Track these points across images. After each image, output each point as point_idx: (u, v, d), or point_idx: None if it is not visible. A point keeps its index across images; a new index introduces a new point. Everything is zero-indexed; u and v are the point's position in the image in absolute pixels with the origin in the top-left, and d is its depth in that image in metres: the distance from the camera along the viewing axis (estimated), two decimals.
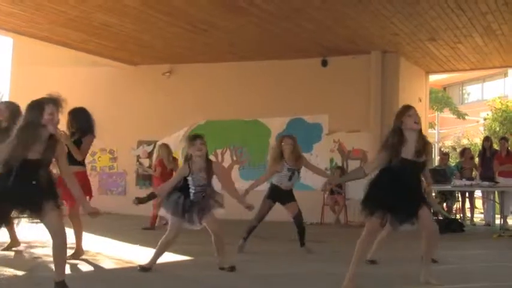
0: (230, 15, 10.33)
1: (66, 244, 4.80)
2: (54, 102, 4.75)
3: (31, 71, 15.44)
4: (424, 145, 5.21)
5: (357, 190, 12.56)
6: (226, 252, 6.41)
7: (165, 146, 11.48)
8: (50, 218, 4.61)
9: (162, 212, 6.43)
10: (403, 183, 5.13)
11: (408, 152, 5.15)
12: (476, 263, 7.02)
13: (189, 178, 6.17)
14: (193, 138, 6.27)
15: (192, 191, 6.17)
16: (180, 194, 6.18)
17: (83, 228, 7.13)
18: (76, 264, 6.56)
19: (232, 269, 6.23)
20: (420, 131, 5.24)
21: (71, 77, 14.87)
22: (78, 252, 6.93)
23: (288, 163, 7.72)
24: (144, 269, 6.19)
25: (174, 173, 11.02)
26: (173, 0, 9.67)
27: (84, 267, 6.52)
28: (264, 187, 8.02)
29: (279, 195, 7.83)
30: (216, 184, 6.38)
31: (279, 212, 7.98)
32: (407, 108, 5.33)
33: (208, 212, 6.16)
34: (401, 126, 5.21)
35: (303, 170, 8.00)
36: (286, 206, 7.87)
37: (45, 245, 6.51)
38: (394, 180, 5.13)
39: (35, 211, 4.58)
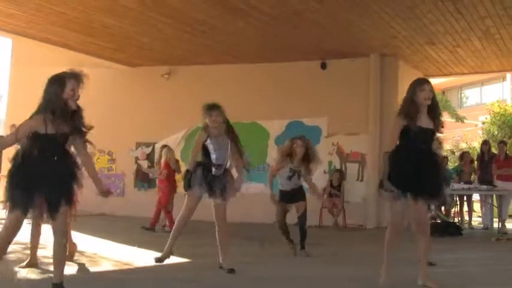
0: (229, 17, 10.34)
1: (67, 245, 4.78)
2: (76, 77, 4.73)
3: (30, 72, 15.41)
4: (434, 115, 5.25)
5: (354, 193, 12.65)
6: (230, 252, 6.42)
7: (171, 148, 11.57)
8: (61, 217, 4.53)
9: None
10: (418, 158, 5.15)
11: (422, 121, 5.19)
12: (474, 267, 7.02)
13: (210, 148, 6.29)
14: (210, 108, 6.46)
15: (213, 162, 6.29)
16: (203, 167, 6.32)
17: (81, 229, 7.12)
18: (73, 266, 6.55)
19: (231, 271, 6.24)
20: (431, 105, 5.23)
21: None
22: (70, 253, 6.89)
23: (293, 163, 7.74)
24: (160, 259, 6.31)
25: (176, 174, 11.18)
26: (172, 2, 9.67)
27: (82, 268, 6.51)
28: (260, 190, 8.02)
29: (285, 197, 7.86)
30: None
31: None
32: (421, 82, 5.34)
33: (225, 193, 6.30)
34: (414, 98, 5.23)
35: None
36: (295, 205, 7.87)
37: (43, 247, 6.49)
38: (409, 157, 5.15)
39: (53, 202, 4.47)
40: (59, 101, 4.51)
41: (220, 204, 6.34)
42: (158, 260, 6.48)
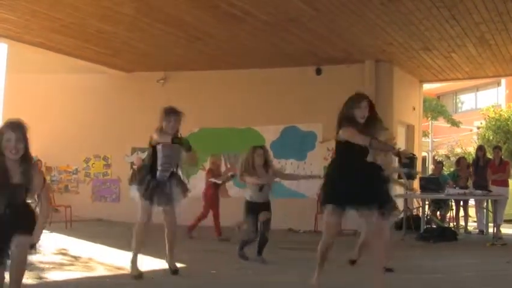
0: (224, 24, 10.35)
1: None
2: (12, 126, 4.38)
3: (25, 77, 15.40)
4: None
5: None
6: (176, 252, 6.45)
7: (216, 154, 11.14)
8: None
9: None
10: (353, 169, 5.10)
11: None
12: (470, 272, 7.03)
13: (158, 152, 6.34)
14: (168, 113, 6.66)
15: (159, 168, 6.28)
16: (149, 174, 6.33)
17: (77, 234, 7.11)
18: (68, 270, 6.54)
19: (175, 272, 6.31)
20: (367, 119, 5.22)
21: (65, 84, 14.85)
22: None
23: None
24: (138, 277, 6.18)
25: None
26: (168, 9, 9.68)
27: (76, 273, 6.50)
28: (240, 194, 7.88)
29: (255, 209, 7.62)
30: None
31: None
32: (358, 98, 5.44)
33: (172, 199, 6.28)
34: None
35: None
36: (262, 213, 7.64)
37: (37, 251, 6.47)
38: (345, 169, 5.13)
39: None
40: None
41: (168, 210, 6.31)
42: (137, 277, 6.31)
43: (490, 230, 11.60)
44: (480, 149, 13.19)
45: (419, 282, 6.13)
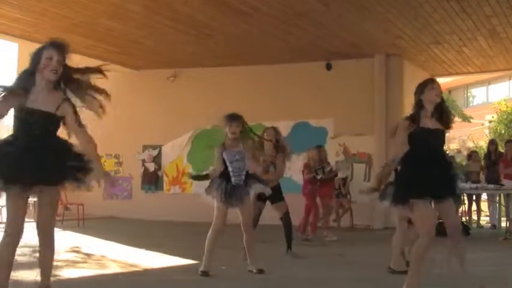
0: (234, 20, 10.36)
1: None
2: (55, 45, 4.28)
3: None
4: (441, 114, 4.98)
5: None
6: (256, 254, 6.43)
7: (315, 150, 10.45)
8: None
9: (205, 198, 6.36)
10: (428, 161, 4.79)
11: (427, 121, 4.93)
12: (483, 267, 6.98)
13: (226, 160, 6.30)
14: (230, 119, 6.57)
15: (231, 174, 6.26)
16: (223, 178, 6.25)
17: (89, 232, 7.14)
18: (81, 268, 6.57)
19: (260, 271, 6.27)
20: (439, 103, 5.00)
21: None
22: None
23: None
24: (204, 273, 6.17)
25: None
26: (177, 6, 9.69)
27: (89, 271, 6.53)
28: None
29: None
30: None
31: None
32: (429, 81, 5.21)
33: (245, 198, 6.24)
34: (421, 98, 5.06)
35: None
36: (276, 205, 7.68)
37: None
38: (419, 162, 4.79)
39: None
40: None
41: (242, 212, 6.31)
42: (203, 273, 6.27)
43: (503, 224, 11.54)
44: (492, 143, 13.12)
45: (436, 277, 6.11)
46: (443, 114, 5.02)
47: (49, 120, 4.07)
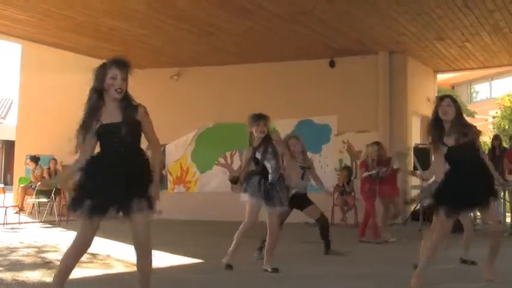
0: (237, 18, 10.36)
1: None
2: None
3: (39, 77, 15.51)
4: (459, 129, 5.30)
5: None
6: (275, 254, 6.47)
7: (375, 146, 9.65)
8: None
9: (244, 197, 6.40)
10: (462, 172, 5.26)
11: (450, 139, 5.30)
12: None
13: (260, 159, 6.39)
14: (257, 118, 6.73)
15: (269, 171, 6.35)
16: (260, 176, 6.32)
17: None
18: (87, 268, 6.58)
19: (275, 270, 6.29)
20: (454, 119, 5.32)
21: (78, 82, 14.83)
22: None
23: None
24: (228, 266, 6.27)
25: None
26: (180, 4, 9.70)
27: (95, 270, 6.54)
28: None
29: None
30: None
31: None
32: (438, 99, 5.56)
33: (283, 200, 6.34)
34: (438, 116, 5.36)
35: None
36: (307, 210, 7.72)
37: (56, 249, 6.52)
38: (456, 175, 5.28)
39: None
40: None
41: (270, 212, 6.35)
42: (227, 266, 6.38)
43: (508, 220, 11.52)
44: (496, 138, 13.09)
45: (447, 273, 6.12)
46: (459, 128, 5.35)
47: (131, 129, 4.32)
